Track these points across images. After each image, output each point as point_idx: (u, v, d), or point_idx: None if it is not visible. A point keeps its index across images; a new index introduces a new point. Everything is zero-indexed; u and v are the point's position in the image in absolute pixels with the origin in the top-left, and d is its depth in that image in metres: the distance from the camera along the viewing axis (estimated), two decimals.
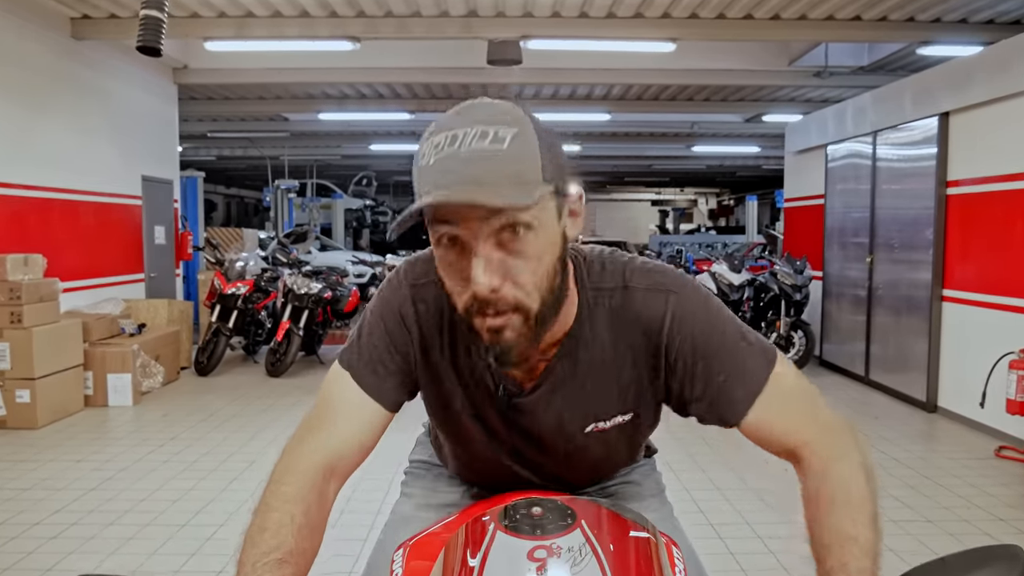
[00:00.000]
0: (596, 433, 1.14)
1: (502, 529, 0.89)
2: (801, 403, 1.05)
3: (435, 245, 0.96)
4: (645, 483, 1.39)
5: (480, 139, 0.88)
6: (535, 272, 0.93)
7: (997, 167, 5.35)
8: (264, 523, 0.93)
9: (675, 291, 1.07)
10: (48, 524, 3.63)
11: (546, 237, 0.93)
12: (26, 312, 5.34)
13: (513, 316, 0.94)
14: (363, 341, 1.11)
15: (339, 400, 1.08)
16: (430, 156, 0.90)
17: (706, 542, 3.44)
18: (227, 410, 5.95)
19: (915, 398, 6.17)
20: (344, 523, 3.54)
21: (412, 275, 1.13)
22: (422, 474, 1.44)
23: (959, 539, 3.50)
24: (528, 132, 0.91)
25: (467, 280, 0.92)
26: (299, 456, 1.02)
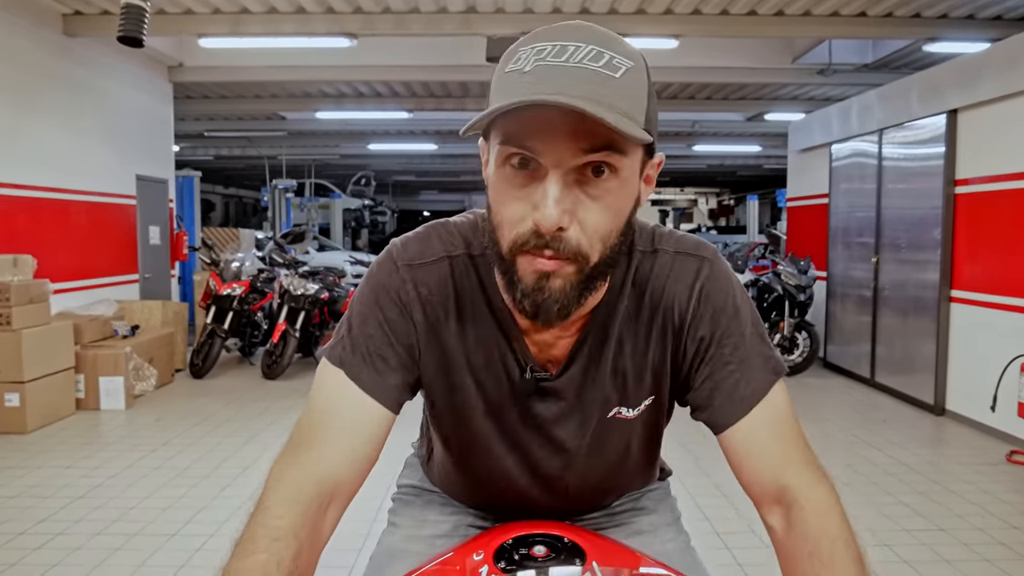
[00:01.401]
0: (620, 423, 1.03)
1: (497, 571, 0.78)
2: (794, 433, 0.93)
3: (499, 165, 0.82)
4: (659, 509, 1.25)
5: (594, 59, 0.77)
6: (607, 224, 0.83)
7: (1007, 165, 5.23)
8: (244, 568, 0.77)
9: (708, 258, 0.98)
10: (33, 534, 3.51)
11: (627, 190, 0.84)
12: (15, 314, 5.22)
13: (567, 266, 0.82)
14: (356, 333, 0.96)
15: (334, 405, 0.93)
16: (528, 62, 0.78)
17: (713, 552, 3.33)
18: (221, 414, 5.83)
19: (922, 401, 6.05)
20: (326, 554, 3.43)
21: (407, 255, 0.99)
22: (411, 500, 1.28)
23: (974, 549, 3.38)
24: (642, 71, 0.82)
25: (530, 208, 0.80)
26: (290, 480, 0.86)
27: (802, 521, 0.85)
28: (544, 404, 1.01)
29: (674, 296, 0.97)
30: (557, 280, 0.83)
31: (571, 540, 0.83)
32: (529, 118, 0.76)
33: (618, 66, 0.78)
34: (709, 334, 0.95)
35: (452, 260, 0.98)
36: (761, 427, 0.92)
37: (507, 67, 0.80)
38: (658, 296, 0.97)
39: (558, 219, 0.78)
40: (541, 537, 0.83)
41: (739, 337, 0.95)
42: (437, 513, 1.23)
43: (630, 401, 1.02)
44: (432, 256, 0.98)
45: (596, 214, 0.81)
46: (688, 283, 0.96)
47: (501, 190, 0.83)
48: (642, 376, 1.00)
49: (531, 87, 0.75)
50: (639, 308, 0.98)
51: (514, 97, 0.75)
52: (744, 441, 0.92)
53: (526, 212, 0.80)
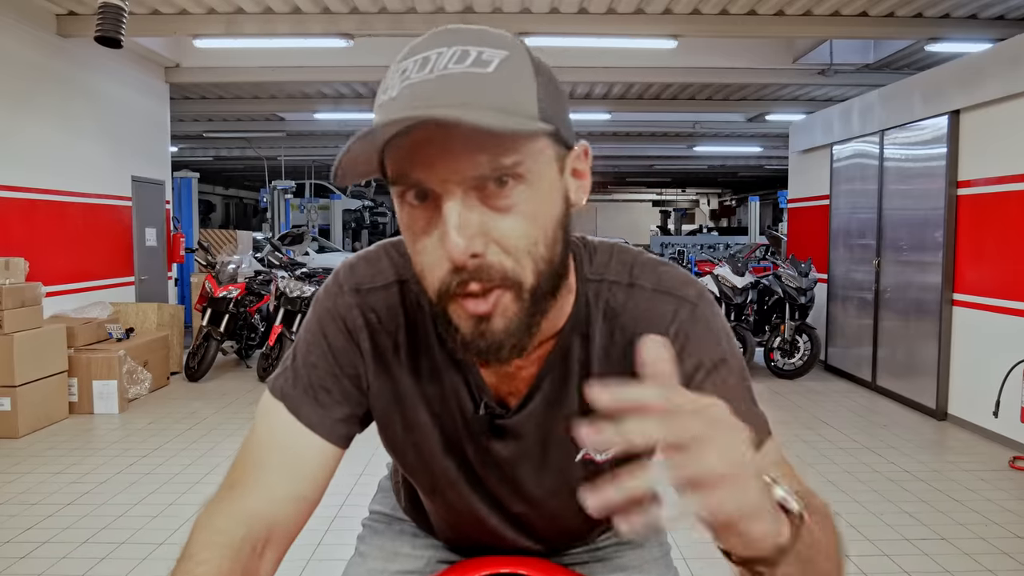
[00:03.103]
0: (589, 465, 0.90)
1: None
2: None
3: (399, 208, 0.74)
4: (646, 543, 1.14)
5: (459, 61, 0.69)
6: (528, 235, 0.71)
7: (1010, 167, 5.16)
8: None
9: (689, 303, 0.85)
10: (18, 543, 3.45)
11: (542, 192, 0.72)
12: (6, 317, 5.17)
13: (502, 294, 0.72)
14: (299, 363, 0.89)
15: (273, 441, 0.87)
16: (394, 87, 0.70)
17: (713, 563, 3.26)
18: (215, 418, 5.78)
19: (924, 405, 5.98)
20: None
21: (355, 279, 0.91)
22: (381, 530, 1.19)
23: (977, 559, 3.32)
24: (521, 58, 0.72)
25: (440, 247, 0.70)
26: (218, 524, 0.79)
27: None
28: (502, 443, 0.91)
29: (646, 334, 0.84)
30: (497, 320, 0.73)
31: None
32: (406, 148, 0.68)
33: (488, 60, 0.69)
34: (685, 382, 0.80)
35: (403, 285, 0.90)
36: None
37: (380, 96, 0.72)
38: (628, 335, 0.85)
39: (466, 245, 0.69)
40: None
41: (723, 388, 0.80)
42: (408, 546, 1.15)
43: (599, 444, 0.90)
44: (382, 280, 0.90)
45: (512, 228, 0.70)
46: (663, 327, 0.84)
47: (409, 237, 0.75)
48: None
49: (396, 114, 0.66)
50: (609, 344, 0.87)
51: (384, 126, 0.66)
52: None
53: (438, 253, 0.71)
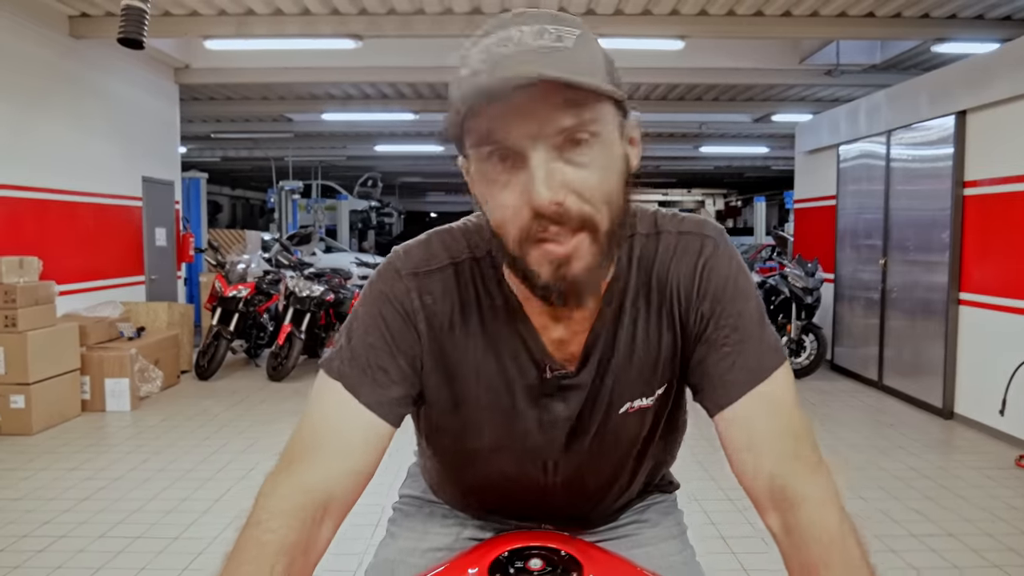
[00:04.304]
0: (635, 413, 1.00)
1: None
2: (794, 427, 0.89)
3: (480, 167, 0.81)
4: (663, 523, 1.21)
5: (539, 37, 0.76)
6: (602, 185, 0.79)
7: (1016, 167, 5.18)
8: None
9: (712, 238, 0.95)
10: (36, 537, 3.51)
11: (611, 150, 0.81)
12: (21, 316, 5.23)
13: (581, 237, 0.79)
14: (356, 344, 0.93)
15: (331, 419, 0.90)
16: (477, 60, 0.77)
17: (719, 557, 3.30)
18: (226, 415, 5.83)
19: (931, 404, 6.00)
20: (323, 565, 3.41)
21: (410, 263, 0.95)
22: (412, 512, 1.24)
23: (983, 555, 3.34)
24: (590, 36, 0.81)
25: (523, 197, 0.77)
26: (282, 493, 0.84)
27: (798, 526, 0.83)
28: (564, 403, 0.98)
29: (679, 276, 0.94)
30: (575, 263, 0.80)
31: (567, 552, 0.81)
32: (493, 112, 0.75)
33: (565, 36, 0.77)
34: (708, 312, 0.92)
35: (457, 266, 0.95)
36: (756, 416, 0.88)
37: (461, 72, 0.79)
38: (663, 278, 0.95)
39: (552, 194, 0.76)
40: (537, 550, 0.81)
41: (737, 318, 0.92)
42: (438, 525, 1.20)
43: (646, 390, 0.98)
44: (436, 263, 0.95)
45: (590, 179, 0.78)
46: (691, 262, 0.94)
47: (491, 191, 0.82)
48: (656, 362, 0.97)
49: (485, 83, 0.74)
50: (648, 292, 0.95)
51: (471, 97, 0.74)
52: (737, 430, 0.89)
53: (520, 202, 0.78)
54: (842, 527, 0.81)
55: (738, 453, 0.90)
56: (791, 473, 0.86)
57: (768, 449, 0.87)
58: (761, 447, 0.88)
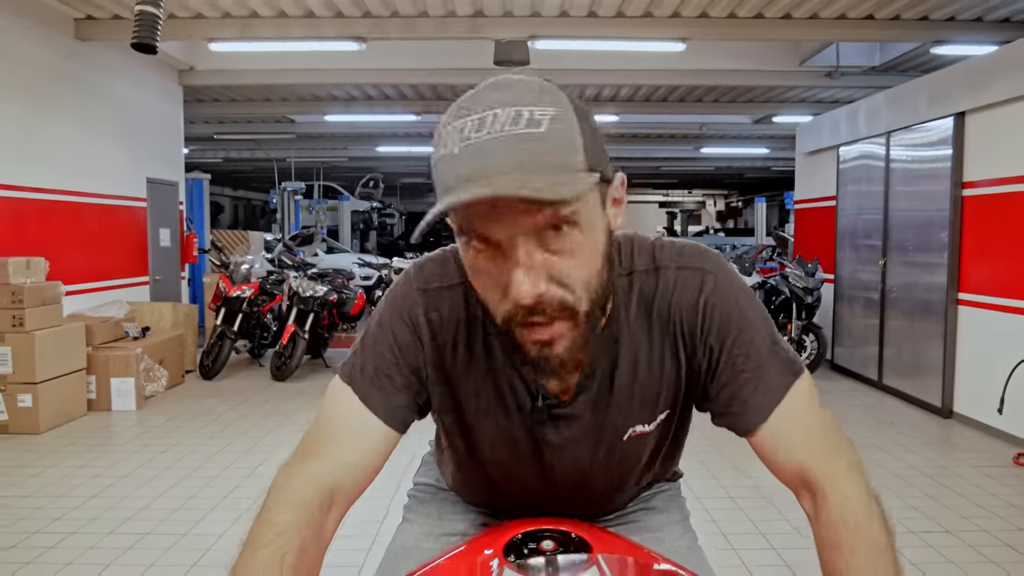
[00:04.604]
0: (635, 439, 1.04)
1: (509, 566, 0.80)
2: (820, 426, 0.95)
3: (464, 249, 0.84)
4: (668, 509, 1.27)
5: (513, 123, 0.77)
6: (582, 272, 0.83)
7: (1015, 168, 5.23)
8: (251, 563, 0.81)
9: (711, 272, 0.97)
10: (47, 533, 3.56)
11: (592, 233, 0.83)
12: (28, 316, 5.28)
13: (562, 324, 0.83)
14: (367, 353, 0.99)
15: (340, 420, 0.97)
16: (454, 144, 0.78)
17: (720, 553, 3.34)
18: (231, 415, 5.88)
19: (930, 403, 6.05)
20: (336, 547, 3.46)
21: (422, 279, 1.00)
22: (427, 499, 1.31)
23: (980, 551, 3.39)
24: (566, 112, 0.80)
25: (505, 288, 0.81)
26: (295, 483, 0.90)
27: (825, 511, 0.88)
28: (557, 430, 1.02)
29: (681, 312, 0.97)
30: (558, 345, 0.84)
31: (578, 535, 0.86)
32: (474, 207, 0.76)
33: (540, 119, 0.78)
34: (719, 345, 0.96)
35: (467, 287, 0.96)
36: (784, 427, 0.94)
37: (439, 152, 0.81)
38: (665, 314, 0.98)
39: (532, 291, 0.79)
40: (549, 532, 0.86)
41: (750, 345, 0.95)
42: (452, 512, 1.26)
43: (646, 417, 1.03)
44: (448, 281, 0.99)
45: (569, 268, 0.81)
46: (693, 298, 0.96)
47: (475, 273, 0.86)
48: (657, 392, 1.01)
49: (464, 173, 0.76)
50: (649, 328, 0.99)
51: (449, 186, 0.77)
52: (769, 441, 0.94)
53: (503, 294, 0.82)
54: (870, 513, 0.87)
55: (776, 462, 0.95)
56: (821, 463, 0.91)
57: (799, 447, 0.93)
58: (793, 448, 0.93)
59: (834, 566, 0.84)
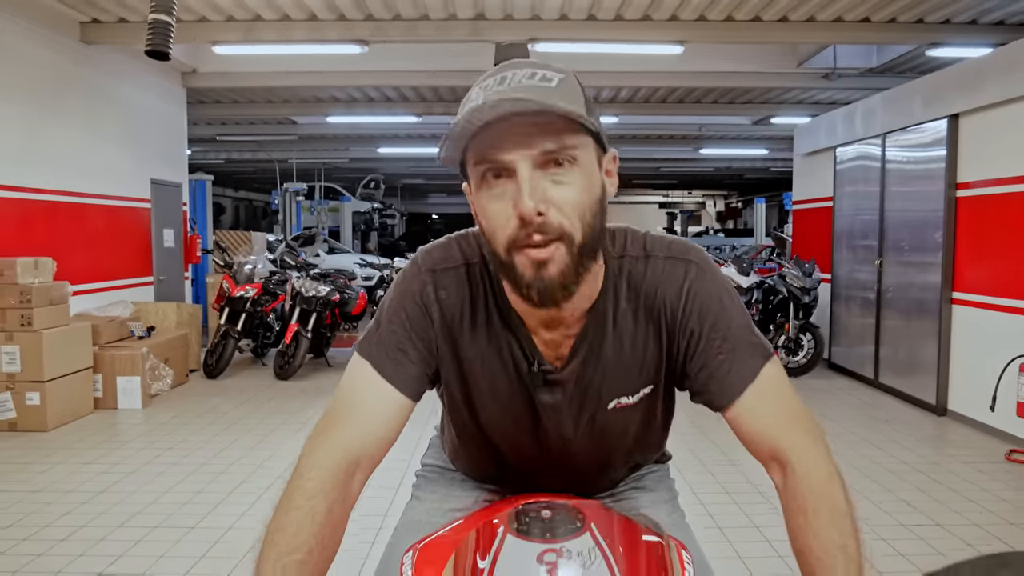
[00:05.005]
0: (620, 410, 1.15)
1: (512, 532, 0.89)
2: (788, 405, 1.05)
3: (478, 185, 0.96)
4: (658, 488, 1.38)
5: (529, 77, 0.93)
6: (579, 202, 0.94)
7: (1008, 169, 5.31)
8: (284, 522, 0.91)
9: (696, 263, 1.09)
10: (58, 526, 3.64)
11: (589, 175, 0.96)
12: (36, 315, 5.36)
13: (558, 246, 0.94)
14: (382, 330, 1.10)
15: (360, 391, 1.06)
16: (478, 97, 0.93)
17: (715, 545, 3.43)
18: (236, 413, 5.96)
19: (925, 401, 6.14)
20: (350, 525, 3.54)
21: (430, 261, 1.12)
22: (434, 478, 1.41)
23: (971, 544, 3.47)
24: (573, 80, 0.97)
25: (511, 207, 0.92)
26: (322, 451, 0.99)
27: (793, 481, 0.97)
28: (550, 395, 1.13)
29: (665, 297, 1.08)
30: (552, 266, 0.94)
31: (574, 506, 0.95)
32: (490, 135, 0.90)
33: (551, 78, 0.94)
34: (699, 329, 1.07)
35: (470, 267, 1.11)
36: (755, 404, 1.04)
37: (465, 106, 0.94)
38: (651, 297, 1.09)
39: (535, 205, 0.91)
40: (547, 504, 0.95)
41: (726, 330, 1.06)
42: (458, 490, 1.37)
43: (629, 389, 1.13)
44: (452, 263, 1.11)
45: (568, 195, 0.94)
46: (678, 285, 1.08)
47: (485, 202, 0.97)
48: (640, 367, 1.12)
49: (484, 112, 0.89)
50: (636, 307, 1.10)
51: (473, 122, 0.90)
52: (742, 416, 1.04)
53: (509, 212, 0.93)
54: (832, 483, 0.95)
55: (748, 436, 1.05)
56: (790, 438, 1.01)
57: (770, 424, 1.03)
58: (764, 424, 1.03)
59: (799, 527, 0.93)
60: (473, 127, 0.90)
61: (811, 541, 0.91)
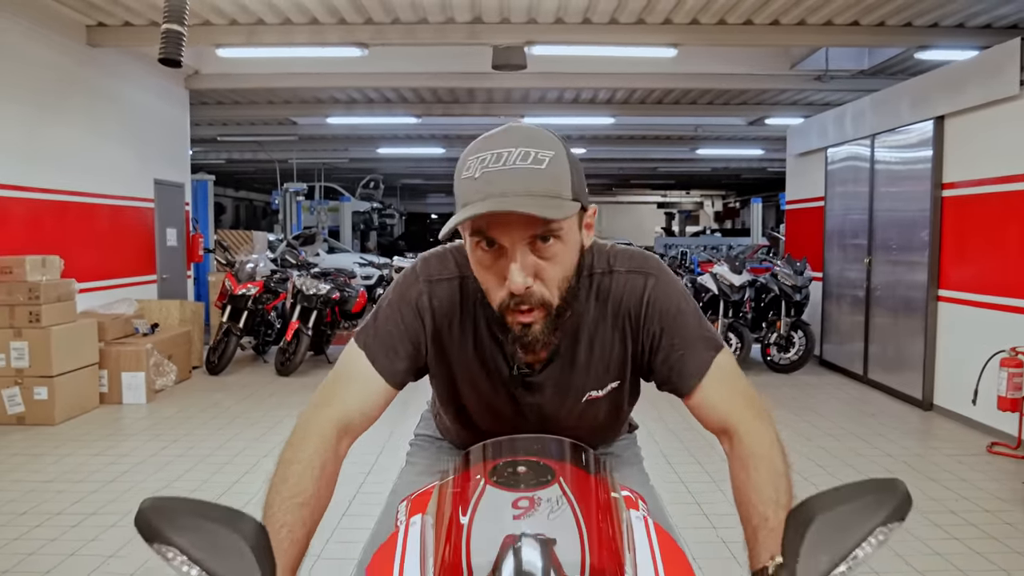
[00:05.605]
0: (591, 401, 1.32)
1: (491, 483, 1.04)
2: (738, 387, 1.21)
3: (473, 248, 1.12)
4: (625, 455, 1.57)
5: (523, 159, 1.05)
6: (560, 275, 1.12)
7: (990, 170, 5.46)
8: (287, 474, 1.07)
9: (653, 275, 1.27)
10: (69, 514, 3.79)
11: (570, 246, 1.12)
12: (44, 312, 5.51)
13: (539, 312, 1.12)
14: (379, 326, 1.25)
15: (353, 375, 1.22)
16: (476, 170, 1.06)
17: (699, 532, 3.57)
18: (238, 407, 6.11)
19: (912, 396, 6.28)
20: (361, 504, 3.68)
21: (427, 271, 1.28)
22: (426, 446, 1.60)
23: (946, 530, 3.61)
24: (561, 155, 1.09)
25: (503, 279, 1.09)
26: (317, 419, 1.15)
27: (740, 448, 1.13)
28: (529, 394, 1.31)
29: (629, 305, 1.26)
30: (535, 326, 1.14)
31: (545, 463, 1.09)
32: (487, 217, 1.04)
33: (542, 159, 1.06)
34: (659, 331, 1.24)
35: (463, 280, 1.26)
36: (710, 390, 1.21)
37: (462, 175, 1.09)
38: (616, 306, 1.27)
39: (523, 283, 1.08)
40: (523, 462, 1.09)
41: (683, 330, 1.24)
42: (448, 455, 1.55)
43: (598, 385, 1.32)
44: (448, 275, 1.27)
45: (551, 271, 1.11)
46: (639, 295, 1.26)
47: (480, 267, 1.14)
48: (608, 366, 1.30)
49: (482, 192, 1.04)
50: (603, 316, 1.27)
51: (471, 201, 1.05)
52: (701, 400, 1.21)
53: (501, 284, 1.11)
54: (772, 448, 1.11)
55: (705, 416, 1.22)
56: (739, 414, 1.17)
57: (723, 403, 1.20)
58: (718, 404, 1.20)
59: (741, 483, 1.09)
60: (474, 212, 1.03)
61: (751, 494, 1.06)
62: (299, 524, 1.02)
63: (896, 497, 0.83)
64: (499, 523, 0.94)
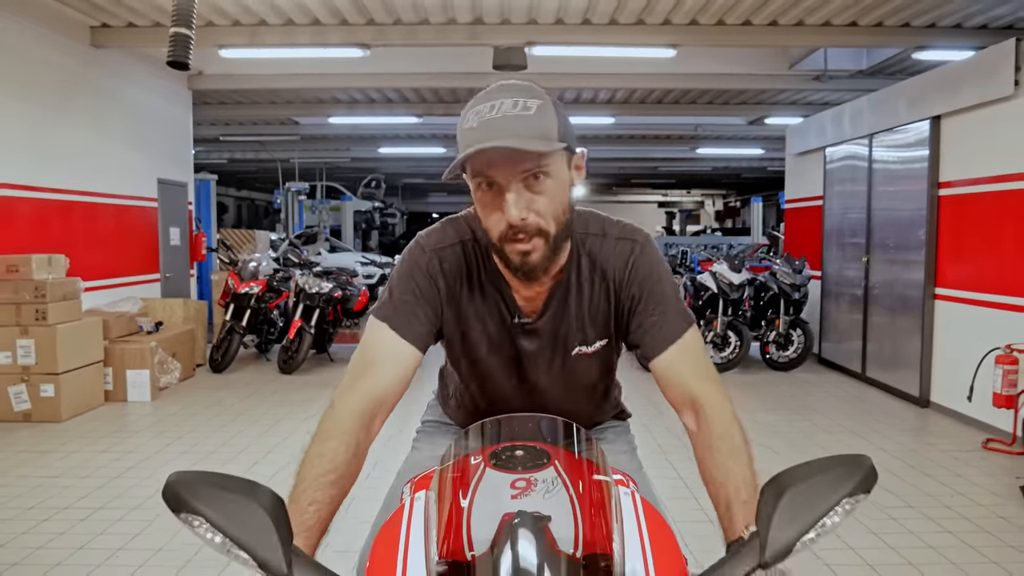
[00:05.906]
0: (581, 356, 1.45)
1: (490, 466, 1.10)
2: (703, 363, 1.32)
3: (475, 190, 1.24)
4: (618, 441, 1.65)
5: (513, 107, 1.18)
6: (552, 206, 1.23)
7: (986, 169, 5.52)
8: (322, 449, 1.14)
9: (640, 243, 1.40)
10: (76, 508, 3.85)
11: (559, 182, 1.24)
12: (50, 310, 5.57)
13: (537, 240, 1.23)
14: (395, 298, 1.35)
15: (380, 347, 1.31)
16: (473, 120, 1.19)
17: (689, 512, 3.62)
18: (242, 405, 6.17)
19: (909, 394, 6.34)
20: None
21: (431, 242, 1.39)
22: (431, 432, 1.69)
23: (940, 524, 3.67)
24: (548, 105, 1.22)
25: (502, 213, 1.21)
26: (351, 398, 1.23)
27: (704, 421, 1.22)
28: (528, 340, 1.44)
29: (616, 267, 1.38)
30: (534, 254, 1.25)
31: (542, 448, 1.15)
32: (484, 158, 1.17)
33: (530, 107, 1.19)
34: (639, 293, 1.36)
35: (464, 244, 1.40)
36: (678, 358, 1.31)
37: (463, 126, 1.22)
38: (603, 267, 1.39)
39: (519, 215, 1.21)
40: (522, 447, 1.15)
41: (660, 296, 1.36)
42: (450, 439, 1.59)
43: (587, 340, 1.44)
44: (450, 241, 1.40)
45: (543, 203, 1.23)
46: (624, 259, 1.38)
47: (482, 206, 1.27)
48: (594, 321, 1.42)
49: (478, 137, 1.16)
50: (592, 274, 1.40)
51: (470, 144, 1.16)
52: (666, 368, 1.31)
53: (500, 216, 1.23)
54: (732, 424, 1.21)
55: (669, 384, 1.31)
56: (703, 389, 1.26)
57: (688, 375, 1.29)
58: (683, 375, 1.29)
59: (706, 460, 1.18)
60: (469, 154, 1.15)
61: (715, 471, 1.15)
62: (327, 502, 1.09)
63: (862, 470, 0.90)
64: (498, 502, 1.00)
